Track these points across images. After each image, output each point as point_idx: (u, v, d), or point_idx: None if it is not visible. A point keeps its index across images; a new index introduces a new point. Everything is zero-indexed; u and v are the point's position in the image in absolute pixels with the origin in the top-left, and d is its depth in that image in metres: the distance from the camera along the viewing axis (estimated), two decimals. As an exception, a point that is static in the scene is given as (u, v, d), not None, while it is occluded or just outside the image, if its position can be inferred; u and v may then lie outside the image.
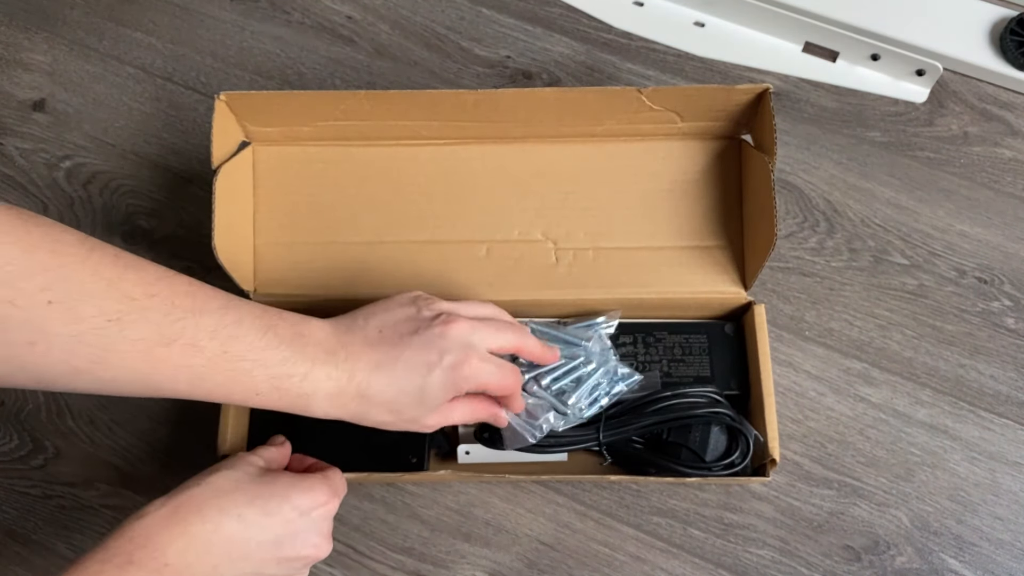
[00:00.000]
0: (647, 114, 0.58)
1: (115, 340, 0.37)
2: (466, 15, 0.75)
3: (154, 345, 0.38)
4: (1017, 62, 0.70)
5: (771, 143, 0.53)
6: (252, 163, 0.61)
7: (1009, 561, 0.56)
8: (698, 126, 0.59)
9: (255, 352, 0.41)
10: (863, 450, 0.59)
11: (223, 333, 0.40)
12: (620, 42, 0.74)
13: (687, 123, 0.59)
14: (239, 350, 0.40)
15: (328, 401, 0.43)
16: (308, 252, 0.60)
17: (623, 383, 0.55)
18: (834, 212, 0.67)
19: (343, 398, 0.43)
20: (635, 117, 0.58)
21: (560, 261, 0.59)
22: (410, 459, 0.55)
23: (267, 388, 0.41)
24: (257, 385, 0.41)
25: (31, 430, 0.61)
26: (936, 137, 0.69)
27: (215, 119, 0.54)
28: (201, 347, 0.39)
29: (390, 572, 0.56)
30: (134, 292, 0.38)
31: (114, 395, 0.41)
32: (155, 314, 0.38)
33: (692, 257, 0.59)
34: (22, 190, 0.68)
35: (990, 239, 0.66)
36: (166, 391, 0.40)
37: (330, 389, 0.43)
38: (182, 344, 0.38)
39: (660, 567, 0.56)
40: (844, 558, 0.56)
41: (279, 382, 0.41)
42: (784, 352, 0.62)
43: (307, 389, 0.42)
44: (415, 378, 0.44)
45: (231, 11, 0.76)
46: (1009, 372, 0.61)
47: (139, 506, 0.58)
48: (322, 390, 0.43)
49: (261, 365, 0.41)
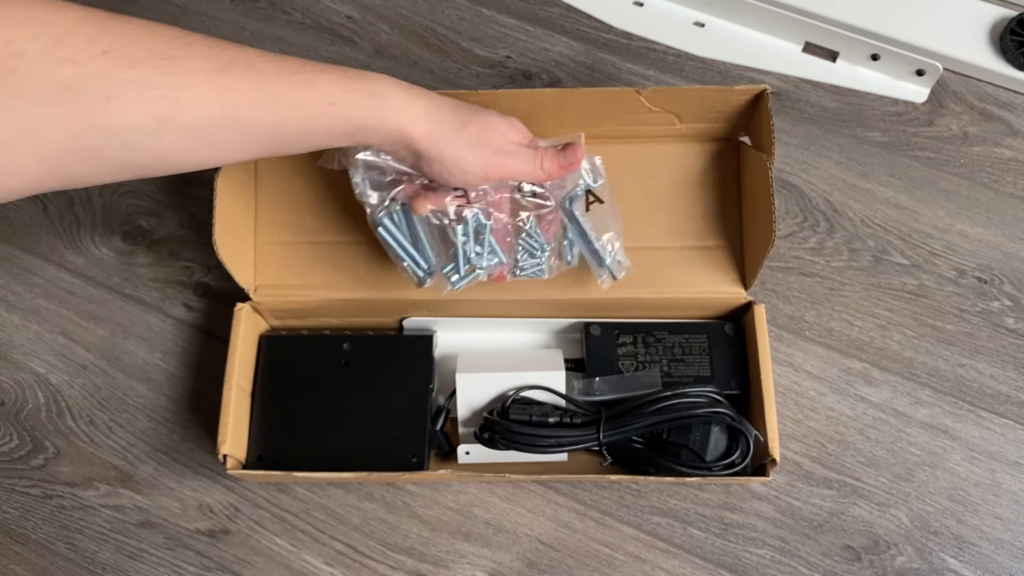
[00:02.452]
0: (646, 115, 0.58)
1: (179, 76, 0.37)
2: (466, 15, 0.75)
3: (215, 73, 0.38)
4: (1017, 62, 0.70)
5: (769, 143, 0.53)
6: (255, 163, 0.61)
7: (1009, 561, 0.56)
8: (697, 128, 0.60)
9: (309, 66, 0.41)
10: (863, 450, 0.59)
11: (271, 57, 0.40)
12: (620, 42, 0.74)
13: (686, 124, 0.59)
14: (293, 66, 0.41)
15: (401, 92, 0.44)
16: (309, 251, 0.60)
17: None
18: (834, 212, 0.67)
19: (412, 92, 0.45)
20: (635, 118, 0.58)
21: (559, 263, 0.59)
22: (410, 459, 0.55)
23: (338, 93, 0.42)
24: (328, 93, 0.41)
25: (31, 430, 0.61)
26: (936, 137, 0.69)
27: None
28: (259, 68, 0.39)
29: (390, 572, 0.56)
30: (172, 33, 0.38)
31: (213, 154, 0.40)
32: (201, 46, 0.38)
33: (692, 257, 0.59)
34: (22, 190, 0.68)
35: (990, 239, 0.66)
36: (250, 123, 0.39)
37: (394, 84, 0.44)
38: (240, 67, 0.39)
39: (660, 567, 0.56)
40: (844, 558, 0.56)
41: (346, 84, 0.42)
42: (784, 352, 0.62)
43: (375, 86, 0.43)
44: (467, 105, 0.48)
45: (231, 11, 0.76)
46: (1009, 372, 0.61)
47: (139, 506, 0.58)
48: (389, 84, 0.44)
49: (320, 74, 0.41)
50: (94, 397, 0.61)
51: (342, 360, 0.59)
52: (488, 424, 0.54)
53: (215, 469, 0.59)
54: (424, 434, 0.56)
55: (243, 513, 0.58)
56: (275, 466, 0.56)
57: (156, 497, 0.59)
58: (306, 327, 0.62)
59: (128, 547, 0.57)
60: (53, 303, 0.64)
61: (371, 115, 0.43)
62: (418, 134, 0.45)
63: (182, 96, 0.37)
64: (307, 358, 0.59)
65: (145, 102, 0.36)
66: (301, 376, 0.58)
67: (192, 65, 0.37)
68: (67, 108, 0.34)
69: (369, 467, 0.55)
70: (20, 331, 0.64)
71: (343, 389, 0.58)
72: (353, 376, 0.58)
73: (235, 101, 0.38)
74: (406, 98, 0.44)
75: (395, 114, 0.44)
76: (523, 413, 0.54)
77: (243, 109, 0.39)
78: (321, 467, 0.55)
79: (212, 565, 0.57)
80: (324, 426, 0.57)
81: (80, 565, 0.57)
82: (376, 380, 0.58)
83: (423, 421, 0.56)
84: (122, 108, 0.36)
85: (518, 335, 0.62)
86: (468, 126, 0.47)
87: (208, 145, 0.39)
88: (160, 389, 0.62)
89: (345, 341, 0.59)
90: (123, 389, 0.62)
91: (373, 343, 0.59)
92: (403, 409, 0.57)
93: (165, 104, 0.36)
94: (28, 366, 0.62)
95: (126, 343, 0.63)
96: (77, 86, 0.34)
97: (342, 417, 0.57)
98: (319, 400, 0.57)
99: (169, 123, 0.37)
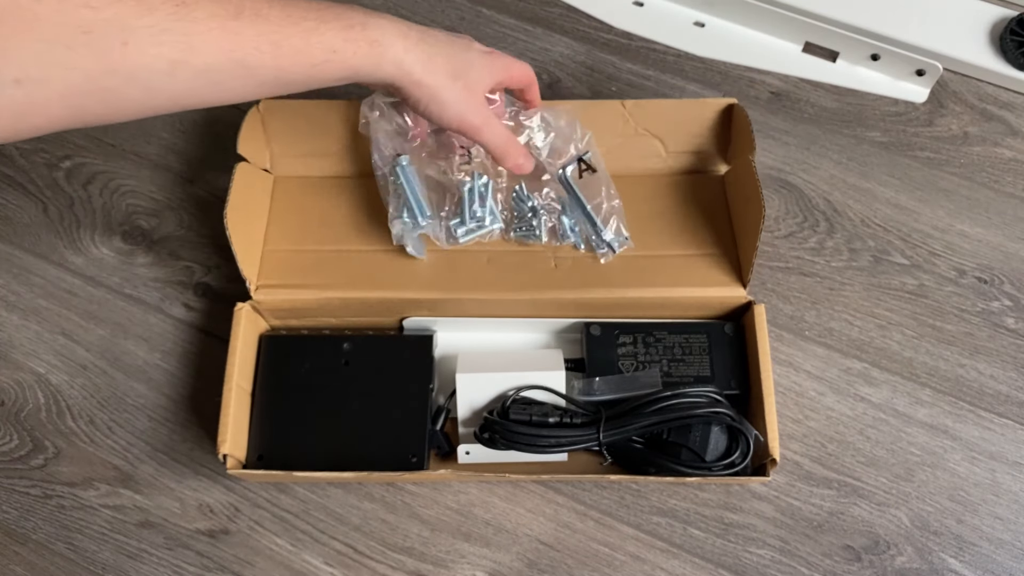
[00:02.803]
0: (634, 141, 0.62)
1: (191, 22, 0.39)
2: (466, 15, 0.75)
3: (225, 20, 0.40)
4: (1017, 62, 0.70)
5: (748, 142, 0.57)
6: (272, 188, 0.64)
7: (1009, 561, 0.56)
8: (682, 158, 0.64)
9: (313, 12, 0.43)
10: (863, 450, 0.59)
11: (279, 2, 0.42)
12: (620, 42, 0.74)
13: (671, 154, 0.63)
14: (298, 13, 0.43)
15: (398, 41, 0.46)
16: (313, 257, 0.60)
17: None
18: (834, 212, 0.67)
19: (409, 40, 0.47)
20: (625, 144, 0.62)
21: (559, 267, 0.59)
22: (410, 459, 0.55)
23: (339, 42, 0.44)
24: (330, 41, 0.43)
25: (31, 430, 0.61)
26: (936, 137, 0.69)
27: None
28: (265, 15, 0.41)
29: (390, 572, 0.56)
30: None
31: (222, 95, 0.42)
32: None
33: (691, 260, 0.60)
34: (22, 190, 0.68)
35: (990, 239, 0.66)
36: (256, 67, 0.42)
37: (395, 32, 0.46)
38: (249, 15, 0.41)
39: (660, 567, 0.56)
40: (844, 558, 0.56)
41: (347, 33, 0.44)
42: (784, 352, 0.62)
43: (376, 34, 0.45)
44: (460, 46, 0.50)
45: (231, 11, 0.76)
46: (1009, 372, 0.61)
47: (139, 506, 0.58)
48: (388, 32, 0.46)
49: (324, 21, 0.43)
50: (94, 397, 0.61)
51: (342, 360, 0.59)
52: (488, 424, 0.54)
53: (215, 469, 0.59)
54: (424, 434, 0.56)
55: (243, 513, 0.58)
56: (275, 466, 0.56)
57: (156, 497, 0.59)
58: (306, 327, 0.62)
59: (128, 547, 0.57)
60: (53, 303, 0.64)
61: (369, 63, 0.46)
62: (411, 82, 0.48)
63: (194, 42, 0.39)
64: (307, 358, 0.59)
65: (160, 46, 0.38)
66: (301, 376, 0.58)
67: (203, 12, 0.39)
68: (87, 51, 0.36)
69: (369, 467, 0.55)
70: (20, 331, 0.64)
71: (343, 389, 0.58)
72: (353, 376, 0.58)
73: (243, 48, 0.41)
74: (405, 47, 0.47)
75: (392, 63, 0.46)
76: (523, 413, 0.54)
77: (250, 55, 0.41)
78: (321, 467, 0.55)
79: (212, 565, 0.57)
80: (324, 426, 0.57)
81: (80, 565, 0.57)
82: (376, 380, 0.58)
83: (423, 421, 0.56)
84: (138, 51, 0.37)
85: (518, 335, 0.62)
86: (459, 79, 0.50)
87: (217, 87, 0.42)
88: (160, 389, 0.62)
89: (345, 341, 0.59)
90: (123, 389, 0.62)
91: (373, 343, 0.59)
92: (403, 409, 0.57)
93: (179, 49, 0.38)
94: (28, 366, 0.62)
95: (126, 343, 0.63)
96: (96, 30, 0.36)
97: (342, 417, 0.57)
98: (319, 400, 0.57)
99: (182, 66, 0.39)
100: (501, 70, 0.53)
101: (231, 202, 0.56)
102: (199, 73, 0.40)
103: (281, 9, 0.42)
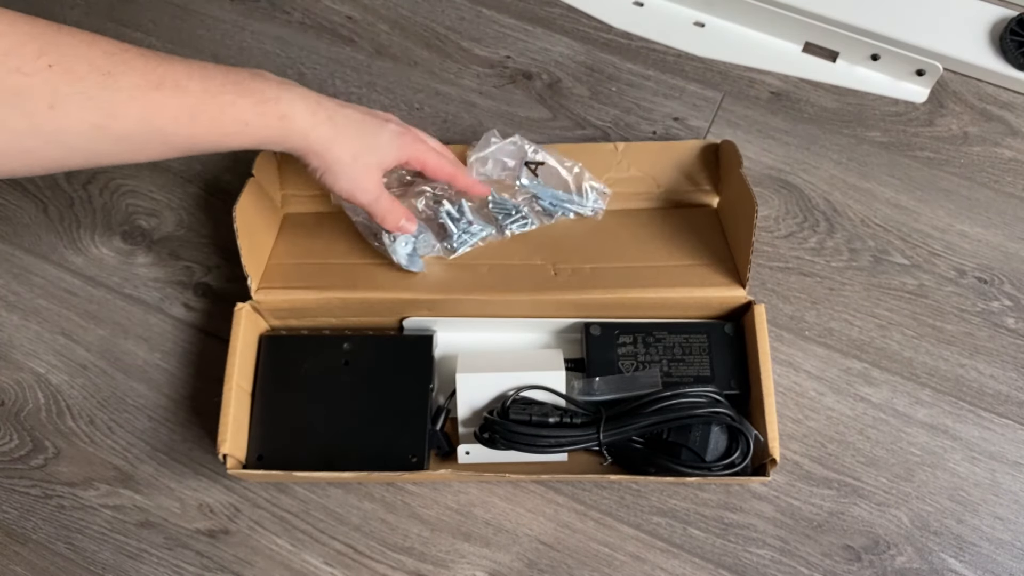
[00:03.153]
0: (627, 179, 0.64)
1: (115, 91, 0.41)
2: (466, 15, 0.75)
3: (147, 90, 0.43)
4: (1017, 62, 0.70)
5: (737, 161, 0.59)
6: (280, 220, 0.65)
7: (1009, 561, 0.56)
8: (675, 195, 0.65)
9: (230, 86, 0.46)
10: (863, 450, 0.59)
11: (197, 75, 0.45)
12: (620, 42, 0.74)
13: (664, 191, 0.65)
14: (215, 86, 0.46)
15: (306, 118, 0.49)
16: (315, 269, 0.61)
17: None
18: (834, 212, 0.67)
19: (317, 117, 0.50)
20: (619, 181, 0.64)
21: (559, 275, 0.60)
22: (410, 459, 0.55)
23: (252, 116, 0.47)
24: (243, 114, 0.47)
25: (31, 430, 0.61)
26: (936, 137, 0.69)
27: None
28: (184, 87, 0.44)
29: (390, 572, 0.56)
30: (111, 49, 0.42)
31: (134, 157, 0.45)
32: (137, 63, 0.43)
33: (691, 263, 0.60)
34: (22, 190, 0.68)
35: (990, 239, 0.66)
36: (172, 135, 0.45)
37: (304, 108, 0.49)
38: (170, 87, 0.43)
39: (660, 567, 0.56)
40: (844, 558, 0.56)
41: (261, 108, 0.47)
42: (784, 352, 0.62)
43: (285, 109, 0.48)
44: (372, 124, 0.54)
45: (231, 11, 0.76)
46: (1009, 372, 0.61)
47: (139, 506, 0.58)
48: (298, 108, 0.49)
49: (240, 95, 0.46)
50: (94, 397, 0.61)
51: (342, 360, 0.59)
52: (488, 424, 0.54)
53: (215, 469, 0.59)
54: (424, 434, 0.56)
55: (243, 513, 0.58)
56: (275, 466, 0.56)
57: (156, 497, 0.59)
58: (306, 327, 0.62)
59: (128, 547, 0.57)
60: (53, 303, 0.64)
61: (278, 135, 0.49)
62: (312, 154, 0.51)
63: (117, 110, 0.42)
64: (307, 358, 0.59)
65: (84, 112, 0.41)
66: (301, 376, 0.58)
67: (127, 81, 0.42)
68: (14, 112, 0.39)
69: (369, 467, 0.55)
70: (20, 331, 0.64)
71: (343, 389, 0.58)
72: (353, 376, 0.58)
73: (162, 117, 0.44)
74: (313, 123, 0.50)
75: (298, 136, 0.50)
76: (523, 413, 0.54)
77: (168, 124, 0.44)
78: (321, 467, 0.55)
79: (212, 565, 0.57)
80: (324, 426, 0.57)
81: (80, 565, 0.57)
82: (376, 380, 0.58)
83: (423, 421, 0.56)
84: (64, 115, 0.40)
85: (518, 335, 0.62)
86: (358, 159, 0.53)
87: (132, 150, 0.45)
88: (160, 389, 0.62)
89: (345, 341, 0.59)
90: (123, 389, 0.62)
91: (373, 343, 0.59)
92: (403, 409, 0.57)
93: (101, 115, 0.41)
94: (28, 366, 0.62)
95: (126, 343, 0.63)
96: (25, 94, 0.39)
97: (342, 417, 0.57)
98: (319, 400, 0.57)
99: (103, 131, 0.42)
100: (408, 153, 0.56)
101: (241, 203, 0.56)
102: (119, 138, 0.43)
103: (200, 82, 0.45)
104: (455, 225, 0.62)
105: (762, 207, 0.67)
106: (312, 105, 0.50)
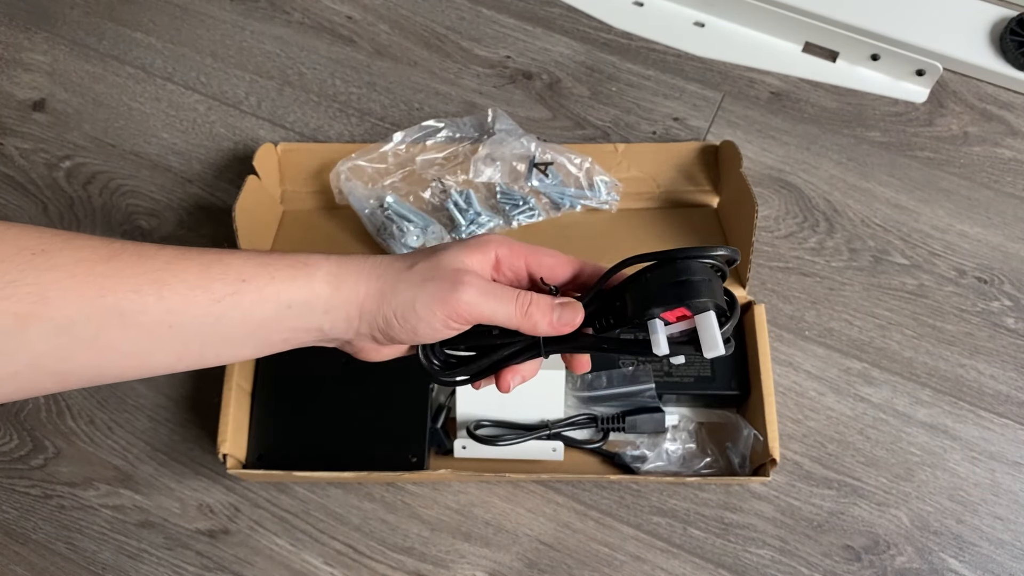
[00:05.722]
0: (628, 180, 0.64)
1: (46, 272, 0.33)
2: (466, 15, 0.75)
3: (93, 264, 0.34)
4: (1017, 62, 0.70)
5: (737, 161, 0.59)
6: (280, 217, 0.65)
7: (1009, 561, 0.56)
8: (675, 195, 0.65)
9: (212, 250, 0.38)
10: (863, 450, 0.59)
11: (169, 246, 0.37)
12: (620, 42, 0.74)
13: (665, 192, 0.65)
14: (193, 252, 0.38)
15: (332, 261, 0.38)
16: None
17: None
18: (834, 212, 0.67)
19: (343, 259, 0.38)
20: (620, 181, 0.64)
21: None
22: (410, 458, 0.55)
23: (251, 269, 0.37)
24: (239, 269, 0.37)
25: (31, 430, 0.61)
26: (936, 137, 0.69)
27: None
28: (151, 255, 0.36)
29: (390, 572, 0.56)
30: (55, 231, 0.35)
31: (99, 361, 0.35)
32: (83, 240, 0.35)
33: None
34: (22, 190, 0.68)
35: (990, 239, 0.66)
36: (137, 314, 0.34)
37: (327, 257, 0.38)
38: (126, 257, 0.35)
39: (660, 567, 0.56)
40: (844, 558, 0.56)
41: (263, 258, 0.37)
42: (784, 352, 0.62)
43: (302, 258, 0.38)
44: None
45: (231, 11, 0.76)
46: (1009, 372, 0.61)
47: (139, 506, 0.58)
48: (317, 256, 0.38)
49: (230, 253, 0.37)
50: (94, 397, 0.61)
51: (342, 359, 0.58)
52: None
53: (215, 469, 0.59)
54: (424, 434, 0.56)
55: (243, 513, 0.58)
56: (275, 466, 0.56)
57: (156, 497, 0.59)
58: (306, 327, 0.62)
59: (128, 547, 0.57)
60: (53, 303, 0.64)
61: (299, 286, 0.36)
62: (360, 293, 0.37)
63: (49, 292, 0.32)
64: (307, 358, 0.58)
65: (3, 300, 0.32)
66: (301, 376, 0.58)
67: (65, 258, 0.33)
68: None
69: (369, 467, 0.55)
70: (20, 331, 0.64)
71: (343, 389, 0.58)
72: (353, 376, 0.58)
73: (114, 291, 0.33)
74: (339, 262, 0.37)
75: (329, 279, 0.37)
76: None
77: (125, 298, 0.34)
78: (321, 467, 0.55)
79: (212, 565, 0.57)
80: (324, 426, 0.57)
81: (80, 565, 0.57)
82: (376, 379, 0.58)
83: (423, 420, 0.56)
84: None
85: (518, 335, 0.62)
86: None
87: (89, 346, 0.34)
88: (160, 389, 0.62)
89: (345, 341, 0.59)
90: (123, 389, 0.62)
91: (373, 343, 0.59)
92: (403, 408, 0.57)
93: (29, 301, 0.32)
94: (28, 366, 0.62)
95: (126, 343, 0.63)
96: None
97: (342, 417, 0.57)
98: (319, 400, 0.57)
99: (35, 321, 0.32)
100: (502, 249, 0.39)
101: (240, 202, 0.57)
102: (59, 329, 0.33)
103: (173, 249, 0.36)
104: (463, 216, 0.62)
105: (762, 207, 0.67)
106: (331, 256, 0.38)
